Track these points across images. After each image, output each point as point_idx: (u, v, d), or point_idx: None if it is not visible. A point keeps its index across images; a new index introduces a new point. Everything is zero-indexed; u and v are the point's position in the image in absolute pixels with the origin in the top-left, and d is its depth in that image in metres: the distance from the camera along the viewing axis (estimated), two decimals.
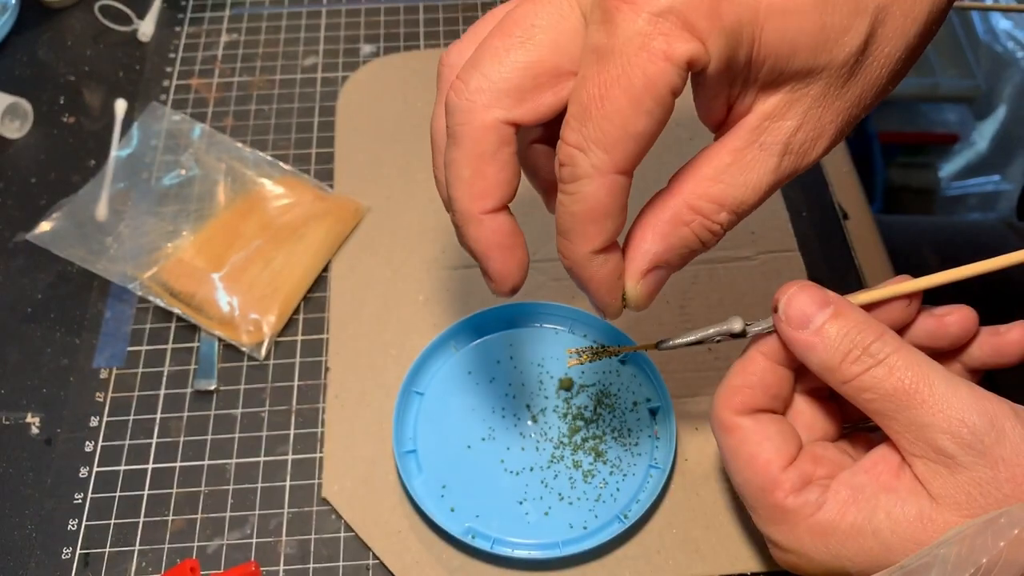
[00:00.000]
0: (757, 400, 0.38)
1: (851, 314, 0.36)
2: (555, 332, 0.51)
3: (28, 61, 0.66)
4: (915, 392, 0.34)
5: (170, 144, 0.58)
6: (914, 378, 0.34)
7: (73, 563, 0.45)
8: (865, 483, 0.36)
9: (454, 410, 0.48)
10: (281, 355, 0.51)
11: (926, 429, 0.34)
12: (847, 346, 0.35)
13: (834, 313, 0.36)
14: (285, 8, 0.69)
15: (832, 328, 0.35)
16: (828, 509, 0.36)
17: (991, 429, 0.33)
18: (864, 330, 0.35)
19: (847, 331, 0.35)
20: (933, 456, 0.34)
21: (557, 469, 0.46)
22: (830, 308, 0.36)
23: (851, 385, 0.35)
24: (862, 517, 0.35)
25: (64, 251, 0.53)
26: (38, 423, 0.49)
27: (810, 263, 0.54)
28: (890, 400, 0.34)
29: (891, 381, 0.34)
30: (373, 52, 0.66)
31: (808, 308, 0.36)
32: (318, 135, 0.61)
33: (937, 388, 0.34)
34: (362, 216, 0.56)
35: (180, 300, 0.52)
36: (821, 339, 0.36)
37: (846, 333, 0.35)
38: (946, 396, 0.34)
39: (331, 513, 0.46)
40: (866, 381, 0.35)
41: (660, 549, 0.44)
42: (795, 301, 0.36)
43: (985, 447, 0.33)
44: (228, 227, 0.54)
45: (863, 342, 0.35)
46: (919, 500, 0.34)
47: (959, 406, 0.33)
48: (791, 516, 0.36)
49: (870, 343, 0.35)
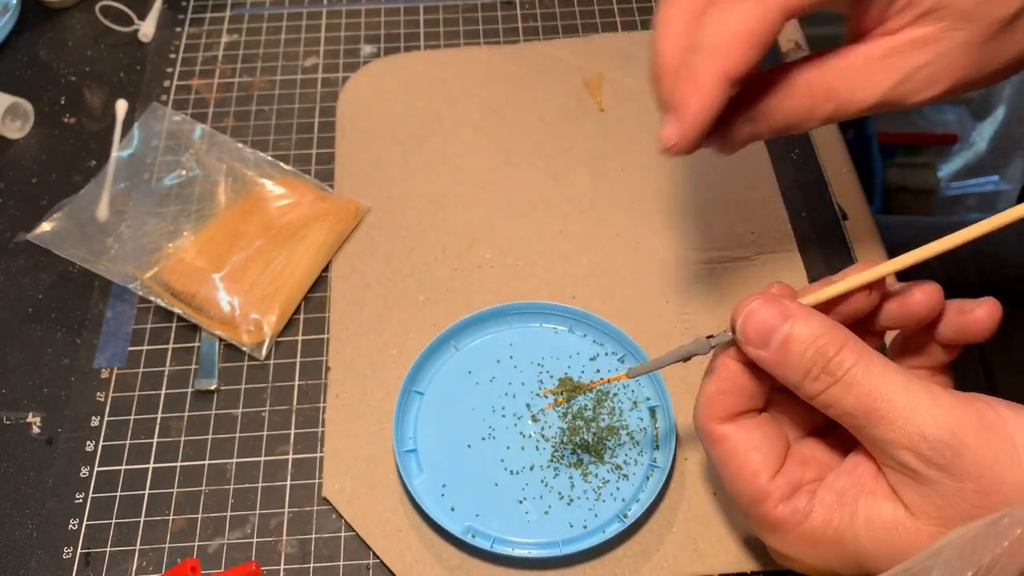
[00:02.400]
0: (736, 404, 0.37)
1: (810, 326, 0.35)
2: (555, 332, 0.51)
3: (29, 61, 0.66)
4: (873, 410, 0.33)
5: (171, 144, 0.59)
6: (872, 394, 0.34)
7: (74, 563, 0.45)
8: (847, 487, 0.36)
9: (454, 410, 0.48)
10: (282, 355, 0.51)
11: (888, 445, 0.33)
12: (807, 364, 0.35)
13: (788, 334, 0.35)
14: (286, 9, 0.69)
15: (791, 346, 0.35)
16: (815, 517, 0.35)
17: (953, 441, 0.32)
18: (824, 344, 0.34)
19: (805, 348, 0.35)
20: (900, 469, 0.34)
21: (557, 468, 0.46)
22: (788, 324, 0.35)
23: (816, 401, 0.35)
24: (844, 523, 0.35)
25: (65, 251, 0.53)
26: (39, 423, 0.49)
27: (810, 263, 0.54)
28: (851, 417, 0.34)
29: (849, 400, 0.34)
30: (374, 53, 0.66)
31: (765, 326, 0.35)
32: (319, 135, 0.61)
33: (896, 403, 0.33)
34: (362, 216, 0.56)
35: (181, 300, 0.52)
36: (781, 358, 0.35)
37: (804, 351, 0.35)
38: (905, 411, 0.33)
39: (331, 512, 0.46)
40: (827, 399, 0.34)
41: (660, 548, 0.44)
42: (752, 320, 0.35)
43: (947, 461, 0.32)
44: (229, 227, 0.54)
45: (822, 359, 0.34)
46: (895, 507, 0.34)
47: (918, 421, 0.33)
48: (782, 525, 0.36)
49: (829, 359, 0.34)
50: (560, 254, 0.55)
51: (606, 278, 0.53)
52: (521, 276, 0.54)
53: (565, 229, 0.56)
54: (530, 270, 0.54)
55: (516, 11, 0.68)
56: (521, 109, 0.61)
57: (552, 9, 0.68)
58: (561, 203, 0.57)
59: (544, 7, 0.68)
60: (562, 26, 0.67)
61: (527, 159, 0.59)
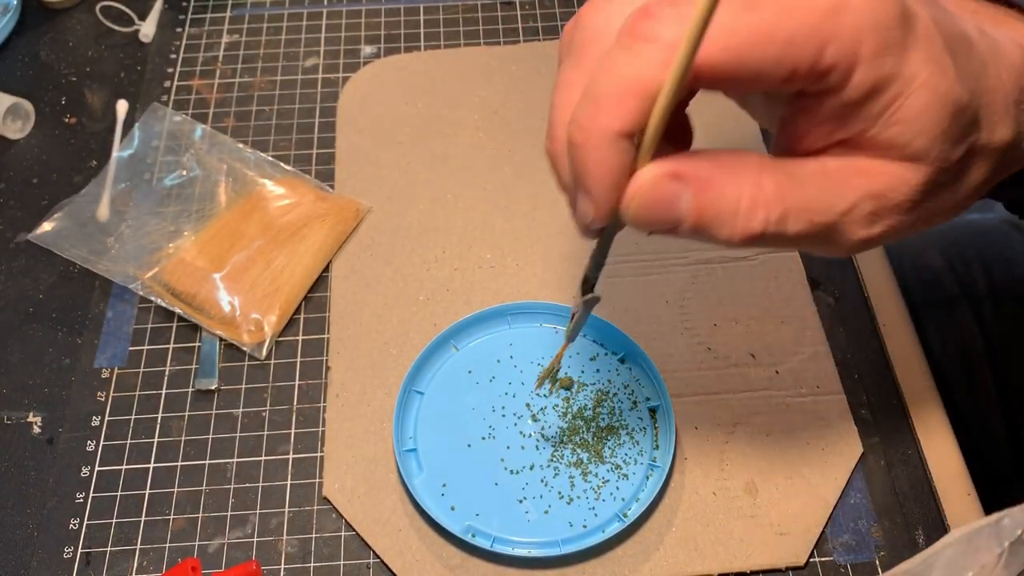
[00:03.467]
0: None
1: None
2: (555, 332, 0.51)
3: (30, 62, 0.66)
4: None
5: (171, 145, 0.59)
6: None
7: (75, 562, 0.45)
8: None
9: (454, 409, 0.48)
10: (282, 355, 0.51)
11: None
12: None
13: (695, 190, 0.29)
14: (286, 9, 0.69)
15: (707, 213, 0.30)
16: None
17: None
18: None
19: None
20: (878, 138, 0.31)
21: (557, 468, 0.46)
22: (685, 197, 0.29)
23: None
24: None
25: (66, 251, 0.53)
26: (40, 422, 0.49)
27: (809, 263, 0.54)
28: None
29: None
30: (374, 53, 0.66)
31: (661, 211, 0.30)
32: (319, 136, 0.61)
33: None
34: (363, 216, 0.56)
35: (181, 300, 0.52)
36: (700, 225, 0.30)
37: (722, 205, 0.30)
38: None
39: (332, 512, 0.46)
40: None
41: (660, 548, 0.44)
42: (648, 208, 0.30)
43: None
44: (229, 227, 0.54)
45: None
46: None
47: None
48: None
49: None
50: (560, 254, 0.55)
51: (606, 278, 0.53)
52: (521, 276, 0.54)
53: (565, 229, 0.56)
54: (530, 270, 0.54)
55: (516, 11, 0.68)
56: (521, 109, 0.61)
57: (552, 9, 0.68)
58: (561, 203, 0.57)
59: (544, 7, 0.68)
60: (562, 26, 0.67)
61: (527, 159, 0.59)
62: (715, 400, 0.49)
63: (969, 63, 0.33)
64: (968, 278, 0.67)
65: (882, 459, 0.47)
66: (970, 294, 0.66)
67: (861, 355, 0.51)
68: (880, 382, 0.50)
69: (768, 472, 0.46)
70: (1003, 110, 0.35)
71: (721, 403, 0.49)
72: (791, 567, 0.44)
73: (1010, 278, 0.67)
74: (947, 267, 0.67)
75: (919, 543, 0.45)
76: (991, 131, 0.34)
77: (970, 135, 0.33)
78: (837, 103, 0.30)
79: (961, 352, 0.64)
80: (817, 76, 0.29)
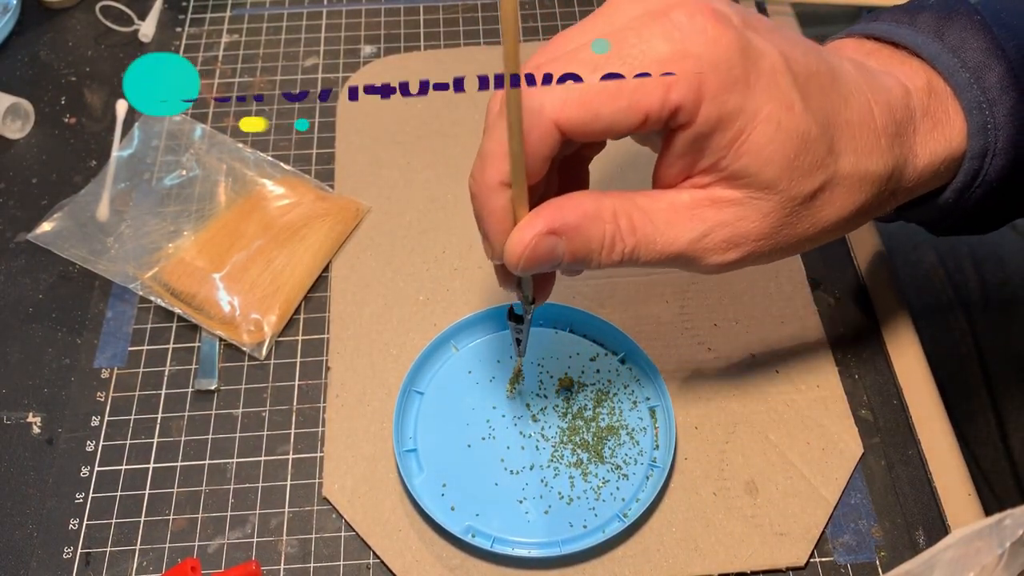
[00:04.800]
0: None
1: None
2: (555, 332, 0.51)
3: (29, 62, 0.66)
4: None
5: (171, 144, 0.59)
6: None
7: (74, 562, 0.45)
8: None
9: (454, 409, 0.48)
10: (282, 355, 0.51)
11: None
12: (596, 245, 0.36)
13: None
14: (286, 9, 0.69)
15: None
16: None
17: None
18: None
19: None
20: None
21: (557, 468, 0.46)
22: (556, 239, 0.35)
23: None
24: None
25: (65, 251, 0.53)
26: (39, 423, 0.49)
27: (809, 263, 0.54)
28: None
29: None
30: (374, 53, 0.66)
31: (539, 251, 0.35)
32: (319, 135, 0.61)
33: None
34: (362, 216, 0.56)
35: (181, 300, 0.52)
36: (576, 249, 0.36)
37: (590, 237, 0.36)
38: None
39: (332, 512, 0.46)
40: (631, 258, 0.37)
41: (660, 548, 0.44)
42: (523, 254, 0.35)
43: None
44: (229, 227, 0.54)
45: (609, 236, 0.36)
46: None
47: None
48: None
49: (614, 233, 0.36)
50: None
51: (606, 278, 0.53)
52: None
53: None
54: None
55: None
56: None
57: (552, 9, 0.68)
58: None
59: (544, 7, 0.68)
60: (562, 26, 0.67)
61: None
62: (715, 400, 0.49)
63: (826, 97, 0.35)
64: (960, 276, 0.67)
65: (882, 459, 0.47)
66: (962, 292, 0.66)
67: (861, 355, 0.51)
68: (880, 382, 0.50)
69: (768, 472, 0.46)
70: (870, 143, 0.37)
71: (721, 403, 0.49)
72: (791, 567, 0.44)
73: (1002, 277, 0.67)
74: (939, 265, 0.67)
75: (919, 543, 0.44)
76: (854, 163, 0.36)
77: (823, 166, 0.35)
78: (691, 136, 0.34)
79: (950, 352, 0.65)
80: (668, 116, 0.33)
